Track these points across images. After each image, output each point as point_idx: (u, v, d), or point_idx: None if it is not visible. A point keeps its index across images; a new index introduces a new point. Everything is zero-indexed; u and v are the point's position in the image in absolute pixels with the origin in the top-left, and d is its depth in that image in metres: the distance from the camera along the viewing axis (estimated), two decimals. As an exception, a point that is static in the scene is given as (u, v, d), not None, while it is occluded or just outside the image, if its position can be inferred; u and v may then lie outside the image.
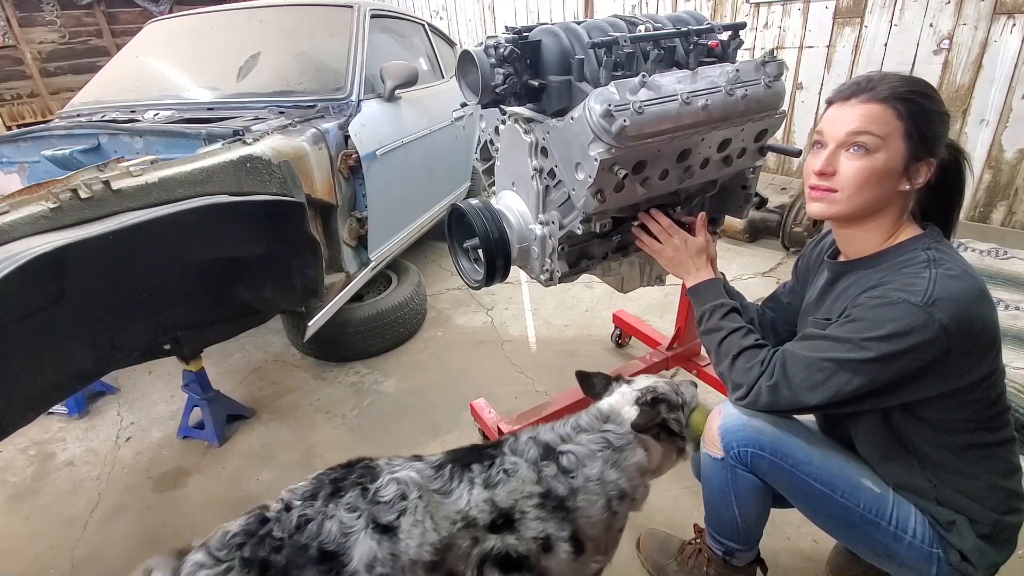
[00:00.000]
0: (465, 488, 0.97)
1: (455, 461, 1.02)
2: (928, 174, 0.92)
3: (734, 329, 1.08)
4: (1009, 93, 2.81)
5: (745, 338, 1.07)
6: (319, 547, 0.85)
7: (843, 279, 1.03)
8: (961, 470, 0.96)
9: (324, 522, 0.87)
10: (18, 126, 5.63)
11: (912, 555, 0.98)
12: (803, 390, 0.93)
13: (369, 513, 0.89)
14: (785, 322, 1.28)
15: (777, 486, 1.07)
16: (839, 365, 0.89)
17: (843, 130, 0.91)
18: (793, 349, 0.97)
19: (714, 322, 1.12)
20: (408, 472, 0.96)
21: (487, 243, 1.24)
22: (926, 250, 0.91)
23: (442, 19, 6.09)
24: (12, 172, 2.06)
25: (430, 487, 0.96)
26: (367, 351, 2.45)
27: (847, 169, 0.92)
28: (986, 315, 0.86)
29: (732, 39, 1.25)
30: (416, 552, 0.88)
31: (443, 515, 0.94)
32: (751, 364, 1.01)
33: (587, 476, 1.04)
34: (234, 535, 0.86)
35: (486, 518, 0.96)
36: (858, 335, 0.87)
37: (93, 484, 1.88)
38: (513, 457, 1.04)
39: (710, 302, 1.16)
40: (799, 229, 3.10)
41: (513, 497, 0.98)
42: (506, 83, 1.13)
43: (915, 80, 0.92)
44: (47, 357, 1.34)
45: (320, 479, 0.95)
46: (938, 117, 0.91)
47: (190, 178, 1.36)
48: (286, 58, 2.48)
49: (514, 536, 0.97)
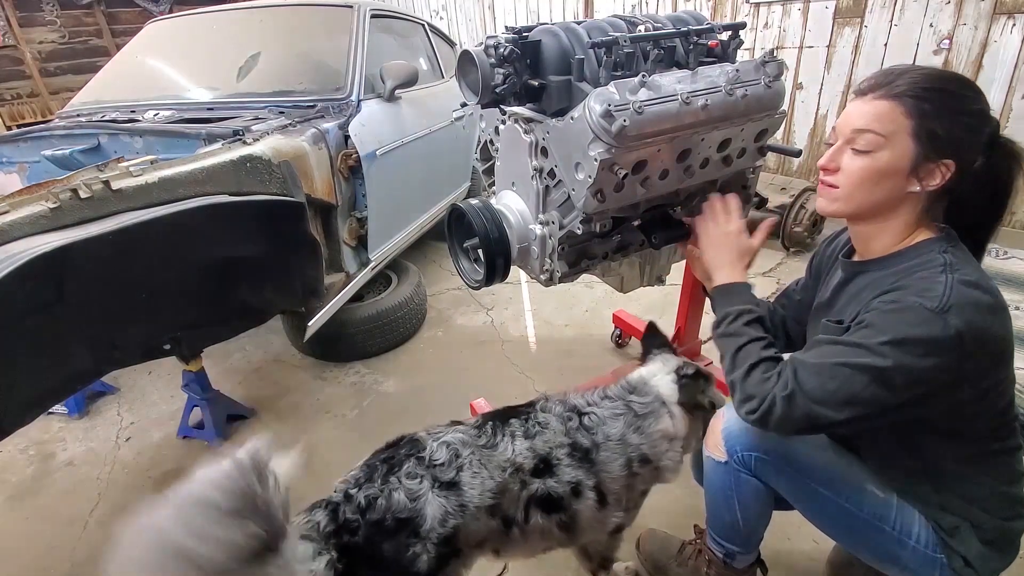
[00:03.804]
0: (508, 440, 1.07)
1: (492, 419, 1.12)
2: (945, 177, 0.86)
3: (756, 338, 0.99)
4: (1009, 93, 2.81)
5: (766, 349, 0.97)
6: (393, 517, 0.93)
7: (856, 280, 1.00)
8: (966, 477, 0.95)
9: (392, 494, 0.94)
10: (18, 126, 5.62)
11: (916, 560, 0.97)
12: (818, 399, 0.85)
13: (430, 476, 0.98)
14: (796, 320, 1.26)
15: (780, 490, 1.07)
16: (854, 370, 0.83)
17: (849, 127, 0.89)
18: (803, 357, 0.90)
19: (737, 327, 1.02)
20: (454, 435, 1.05)
21: (487, 243, 1.24)
22: (943, 253, 0.87)
23: (442, 19, 6.09)
24: (12, 172, 2.06)
25: (478, 444, 1.05)
26: (367, 351, 2.45)
27: (847, 167, 0.90)
28: (1001, 323, 0.83)
29: (732, 39, 1.25)
30: (479, 499, 0.98)
31: (494, 464, 1.03)
32: (768, 375, 0.92)
33: (607, 435, 1.12)
34: (324, 525, 0.91)
35: (530, 464, 1.06)
36: (872, 340, 0.83)
37: (93, 484, 1.88)
38: (543, 414, 1.14)
39: (738, 305, 1.05)
40: (799, 229, 3.10)
41: (548, 445, 1.08)
42: (506, 83, 1.13)
43: (941, 76, 0.87)
44: (47, 357, 1.34)
45: (371, 463, 1.02)
46: (959, 117, 0.85)
47: (190, 178, 1.36)
48: (286, 58, 2.48)
49: (554, 479, 1.07)
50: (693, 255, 1.35)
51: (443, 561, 0.95)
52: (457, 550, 0.98)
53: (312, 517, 0.93)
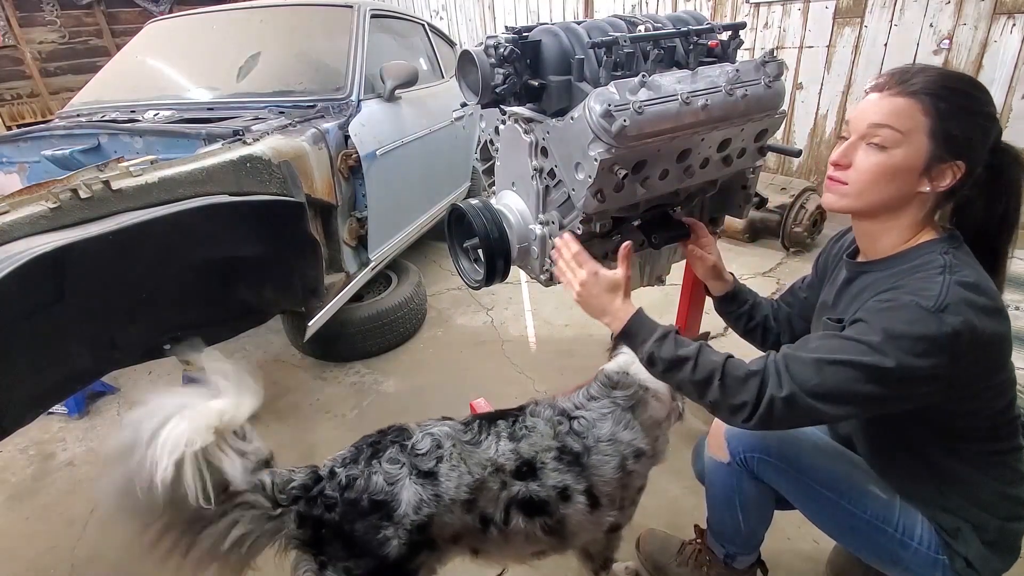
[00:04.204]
0: (492, 440, 1.08)
1: (481, 419, 1.13)
2: (955, 178, 0.86)
3: (697, 351, 0.92)
4: (1009, 93, 2.81)
5: (715, 355, 0.91)
6: (369, 498, 0.96)
7: (859, 279, 1.00)
8: (967, 477, 0.95)
9: (371, 476, 0.98)
10: (18, 126, 5.62)
11: (918, 562, 0.97)
12: (817, 395, 0.83)
13: (410, 463, 1.00)
14: (802, 317, 1.26)
15: (783, 492, 1.07)
16: (851, 367, 0.83)
17: (865, 122, 0.88)
18: (797, 353, 0.87)
19: (669, 353, 0.93)
20: (440, 428, 1.08)
21: (487, 243, 1.24)
22: (943, 255, 0.87)
23: (442, 19, 6.09)
24: (12, 172, 2.06)
25: (462, 439, 1.07)
26: (367, 351, 2.45)
27: (861, 163, 0.89)
28: (998, 325, 0.83)
29: (732, 39, 1.25)
30: (455, 492, 1.00)
31: (475, 461, 1.04)
32: (743, 375, 0.87)
33: (598, 437, 1.12)
34: (294, 486, 0.96)
35: (512, 465, 1.06)
36: (869, 337, 0.83)
37: (93, 484, 1.88)
38: (532, 419, 1.14)
39: (650, 338, 0.96)
40: (799, 229, 3.10)
41: (534, 449, 1.09)
42: (506, 83, 1.13)
43: (957, 77, 0.87)
44: (47, 357, 1.33)
45: (358, 446, 1.05)
46: (973, 118, 0.85)
47: (190, 178, 1.36)
48: (286, 58, 2.48)
49: (536, 483, 1.07)
50: (694, 255, 1.35)
51: (414, 550, 0.97)
52: (430, 541, 1.00)
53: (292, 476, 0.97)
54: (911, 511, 0.99)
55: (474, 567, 1.16)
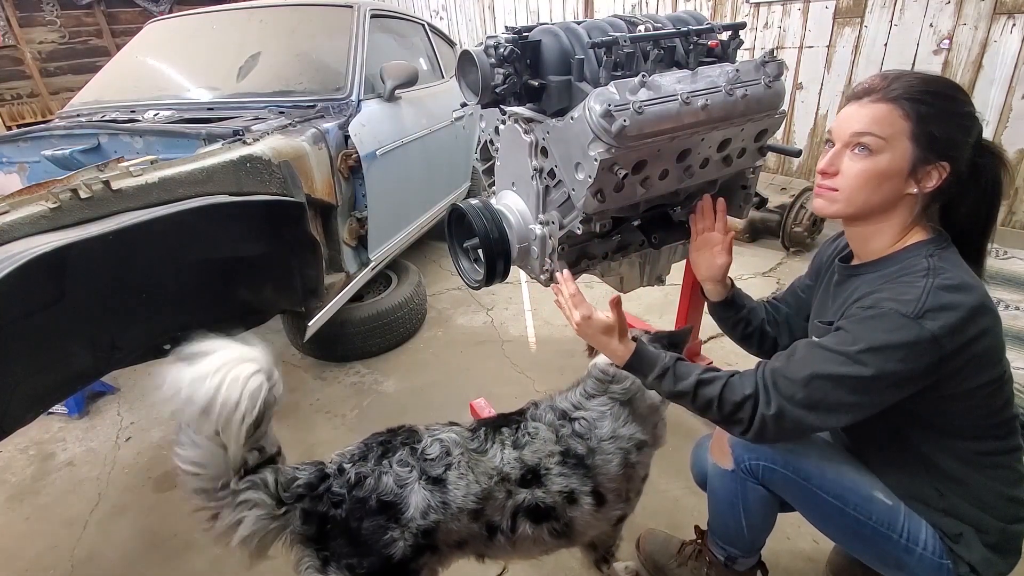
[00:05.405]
0: (497, 448, 1.08)
1: (486, 426, 1.13)
2: (940, 178, 0.88)
3: (695, 385, 0.96)
4: (1009, 93, 2.81)
5: (714, 384, 0.95)
6: (378, 498, 0.96)
7: (849, 283, 1.01)
8: (967, 479, 0.95)
9: (381, 477, 0.98)
10: (18, 126, 5.63)
11: (923, 567, 0.97)
12: (805, 408, 0.87)
13: (420, 467, 1.01)
14: (799, 316, 1.27)
15: (788, 498, 1.07)
16: (835, 381, 0.85)
17: (848, 130, 0.90)
18: (783, 368, 0.91)
19: (668, 389, 0.99)
20: (448, 434, 1.07)
21: (487, 243, 1.24)
22: (928, 257, 0.88)
23: (442, 19, 6.10)
24: (12, 172, 2.06)
25: (469, 446, 1.07)
26: (367, 351, 2.45)
27: (848, 170, 0.91)
28: (984, 327, 0.84)
29: (732, 39, 1.25)
30: (462, 501, 1.00)
31: (481, 470, 1.04)
32: (739, 400, 0.92)
33: (600, 436, 1.12)
34: (299, 484, 0.96)
35: (516, 474, 1.06)
36: (851, 348, 0.84)
37: (93, 484, 1.88)
38: (534, 423, 1.14)
39: (650, 374, 1.01)
40: (799, 229, 3.10)
41: (538, 456, 1.09)
42: (506, 83, 1.13)
43: (934, 80, 0.89)
44: (47, 357, 1.34)
45: (368, 443, 1.06)
46: (955, 119, 0.87)
47: (190, 178, 1.36)
48: (286, 58, 2.48)
49: (542, 490, 1.07)
50: (711, 252, 1.33)
51: (418, 552, 0.97)
52: (434, 546, 1.00)
53: (297, 473, 0.97)
54: (915, 517, 0.99)
55: (474, 566, 1.15)
